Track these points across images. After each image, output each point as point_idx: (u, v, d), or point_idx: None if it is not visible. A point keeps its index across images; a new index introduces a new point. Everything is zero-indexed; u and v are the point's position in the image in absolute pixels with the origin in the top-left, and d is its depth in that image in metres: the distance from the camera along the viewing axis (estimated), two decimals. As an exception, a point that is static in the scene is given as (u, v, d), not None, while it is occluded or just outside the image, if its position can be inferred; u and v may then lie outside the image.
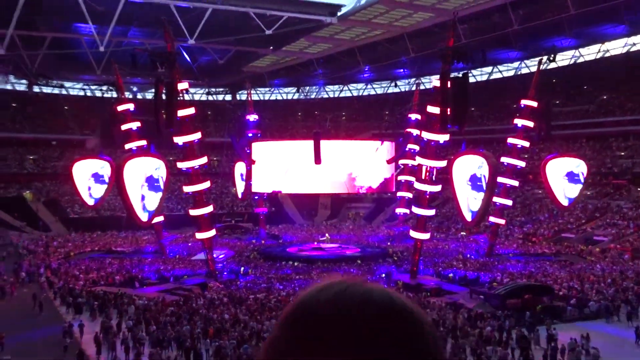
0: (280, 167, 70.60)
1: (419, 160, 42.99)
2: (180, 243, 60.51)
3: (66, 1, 54.36)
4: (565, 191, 48.70)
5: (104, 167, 48.62)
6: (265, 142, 73.46)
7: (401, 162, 65.62)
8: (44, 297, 37.99)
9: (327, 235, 61.94)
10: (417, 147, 59.24)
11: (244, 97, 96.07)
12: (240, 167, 65.06)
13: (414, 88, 71.35)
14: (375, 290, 1.40)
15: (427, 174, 41.24)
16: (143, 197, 42.32)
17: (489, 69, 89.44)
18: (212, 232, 44.64)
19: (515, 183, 52.86)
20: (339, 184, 70.99)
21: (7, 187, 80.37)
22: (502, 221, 54.82)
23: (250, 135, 66.39)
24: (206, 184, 44.37)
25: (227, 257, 52.22)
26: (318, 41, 75.25)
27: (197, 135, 43.09)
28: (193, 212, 43.72)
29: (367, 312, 1.33)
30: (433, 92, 41.87)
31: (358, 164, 69.53)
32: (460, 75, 38.56)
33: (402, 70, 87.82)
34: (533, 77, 51.72)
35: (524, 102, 50.36)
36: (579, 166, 49.05)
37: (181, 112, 41.79)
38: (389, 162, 64.59)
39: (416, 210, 42.66)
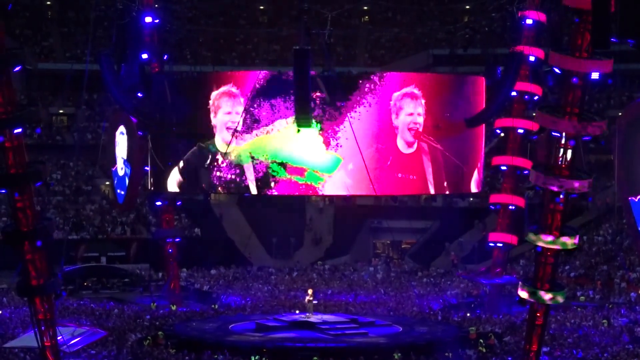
0: (219, 135, 35.83)
1: (540, 120, 25.39)
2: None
3: None
4: None
5: None
6: (182, 73, 40.81)
7: (500, 125, 37.73)
8: None
9: (310, 292, 38.18)
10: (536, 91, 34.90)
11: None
12: (125, 137, 35.99)
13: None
14: None
15: (565, 153, 23.81)
16: None
17: None
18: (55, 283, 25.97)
19: None
20: (354, 177, 36.60)
21: None
22: None
23: (145, 57, 35.16)
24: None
25: (85, 345, 30.39)
26: None
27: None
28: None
29: None
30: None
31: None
32: None
33: None
34: None
35: None
36: None
37: None
38: (469, 124, 34.60)
39: (532, 238, 24.64)
